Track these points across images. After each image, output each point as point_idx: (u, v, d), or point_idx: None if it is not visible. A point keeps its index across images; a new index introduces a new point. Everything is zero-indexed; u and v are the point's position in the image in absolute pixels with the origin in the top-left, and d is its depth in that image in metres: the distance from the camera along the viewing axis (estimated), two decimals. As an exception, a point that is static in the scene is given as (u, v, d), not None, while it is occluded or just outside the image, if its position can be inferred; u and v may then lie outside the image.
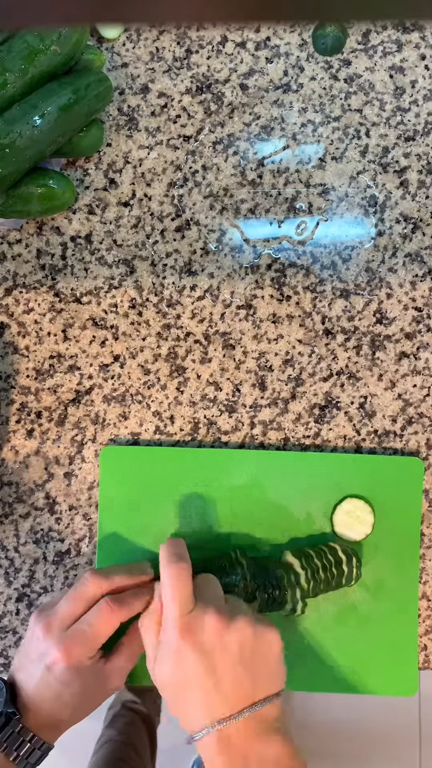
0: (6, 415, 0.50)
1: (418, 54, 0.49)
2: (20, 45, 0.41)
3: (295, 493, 0.49)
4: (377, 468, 0.49)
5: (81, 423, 0.50)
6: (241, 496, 0.49)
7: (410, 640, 0.48)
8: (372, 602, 0.48)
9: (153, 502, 0.49)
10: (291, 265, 0.50)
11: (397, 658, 0.48)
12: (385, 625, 0.48)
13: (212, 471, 0.49)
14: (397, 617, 0.48)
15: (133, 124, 0.50)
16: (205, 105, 0.50)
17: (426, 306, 0.50)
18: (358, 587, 0.48)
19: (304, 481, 0.49)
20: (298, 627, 0.48)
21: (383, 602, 0.48)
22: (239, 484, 0.49)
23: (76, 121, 0.44)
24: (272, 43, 0.49)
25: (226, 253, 0.50)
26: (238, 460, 0.49)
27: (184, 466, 0.49)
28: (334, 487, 0.49)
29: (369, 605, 0.48)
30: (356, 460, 0.49)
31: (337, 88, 0.49)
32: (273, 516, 0.49)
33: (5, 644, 0.50)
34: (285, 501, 0.49)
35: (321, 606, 0.48)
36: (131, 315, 0.50)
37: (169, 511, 0.49)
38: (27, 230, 0.50)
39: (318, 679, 0.48)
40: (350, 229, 0.50)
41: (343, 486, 0.49)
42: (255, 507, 0.49)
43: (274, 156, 0.50)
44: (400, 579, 0.49)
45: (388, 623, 0.48)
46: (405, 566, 0.49)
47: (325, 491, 0.49)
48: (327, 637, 0.48)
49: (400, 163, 0.50)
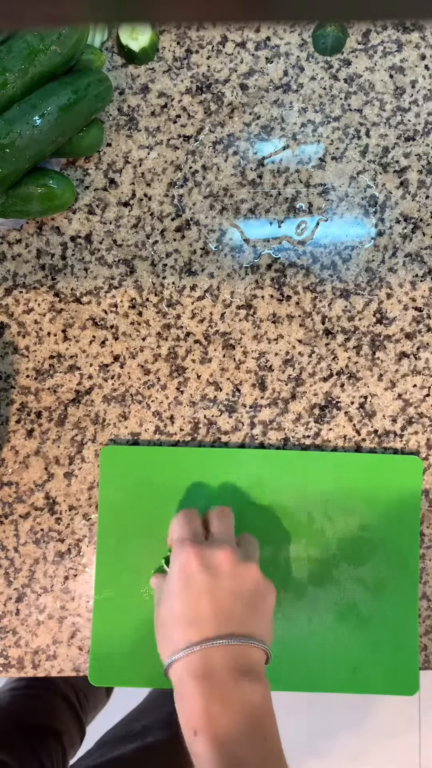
0: (6, 415, 0.50)
1: (418, 54, 0.49)
2: (20, 45, 0.41)
3: (294, 493, 0.49)
4: (377, 467, 0.49)
5: (81, 423, 0.50)
6: (241, 496, 0.49)
7: (411, 639, 0.48)
8: (372, 601, 0.48)
9: (153, 502, 0.49)
10: (291, 265, 0.50)
11: (397, 658, 0.48)
12: (385, 624, 0.48)
13: (213, 471, 0.49)
14: (397, 617, 0.48)
15: (133, 124, 0.50)
16: (205, 105, 0.50)
17: (426, 306, 0.50)
18: (357, 586, 0.48)
19: (304, 481, 0.49)
20: (298, 626, 0.48)
21: (384, 602, 0.48)
22: (239, 483, 0.49)
23: (76, 121, 0.44)
24: (272, 43, 0.49)
25: (226, 253, 0.50)
26: (238, 459, 0.49)
27: (184, 465, 0.49)
28: (334, 486, 0.49)
29: (370, 604, 0.48)
30: (356, 459, 0.49)
31: (337, 88, 0.49)
32: (273, 516, 0.49)
33: (5, 644, 0.50)
34: (285, 501, 0.49)
35: (321, 605, 0.48)
36: (131, 315, 0.50)
37: (170, 511, 0.49)
38: (27, 230, 0.50)
39: (318, 678, 0.48)
40: (350, 229, 0.50)
41: (344, 485, 0.49)
42: (255, 506, 0.49)
43: (274, 156, 0.50)
44: (401, 579, 0.49)
45: (388, 623, 0.48)
46: (405, 566, 0.49)
47: (325, 491, 0.49)
48: (327, 636, 0.48)
49: (400, 163, 0.50)
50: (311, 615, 0.48)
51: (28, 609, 0.50)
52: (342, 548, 0.49)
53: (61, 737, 0.69)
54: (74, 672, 0.50)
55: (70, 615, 0.50)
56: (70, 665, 0.50)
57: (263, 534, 0.48)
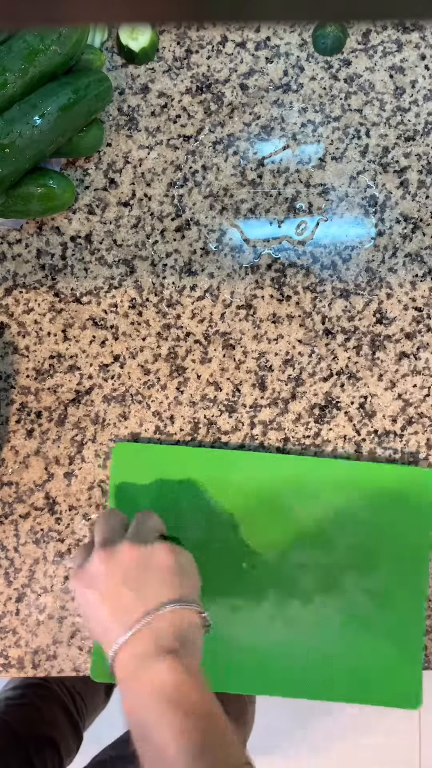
0: (6, 415, 0.50)
1: (418, 54, 0.49)
2: (20, 45, 0.41)
3: (305, 500, 0.48)
4: (381, 476, 0.48)
5: (81, 423, 0.50)
6: (244, 497, 0.49)
7: (415, 652, 0.48)
8: (378, 612, 0.48)
9: (164, 498, 0.48)
10: (291, 265, 0.50)
11: (401, 671, 0.48)
12: (389, 636, 0.48)
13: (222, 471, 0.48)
14: (402, 629, 0.48)
15: (133, 124, 0.50)
16: (205, 105, 0.50)
17: (426, 306, 0.50)
18: (362, 594, 0.48)
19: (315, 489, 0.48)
20: (301, 635, 0.48)
21: (389, 613, 0.48)
22: (243, 486, 0.49)
23: (76, 121, 0.44)
24: (272, 43, 0.49)
25: (226, 253, 0.50)
26: (243, 461, 0.49)
27: (199, 464, 0.48)
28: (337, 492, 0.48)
29: (375, 615, 0.48)
30: (360, 467, 0.49)
31: (337, 88, 0.49)
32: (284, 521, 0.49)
33: (5, 644, 0.50)
34: (294, 506, 0.48)
35: (328, 615, 0.48)
36: (131, 315, 0.50)
37: (180, 508, 0.48)
38: (27, 230, 0.50)
39: (321, 687, 0.48)
40: (350, 229, 0.50)
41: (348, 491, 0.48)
42: (257, 508, 0.49)
43: (274, 156, 0.50)
44: (407, 592, 0.48)
45: (392, 634, 0.48)
46: (411, 577, 0.48)
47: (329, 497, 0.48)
48: (330, 646, 0.48)
49: (400, 163, 0.50)
50: (316, 622, 0.48)
51: (28, 609, 0.50)
52: (349, 557, 0.48)
53: (58, 746, 0.69)
54: (74, 672, 0.50)
55: (70, 615, 0.50)
56: (70, 665, 0.50)
57: (264, 536, 0.48)
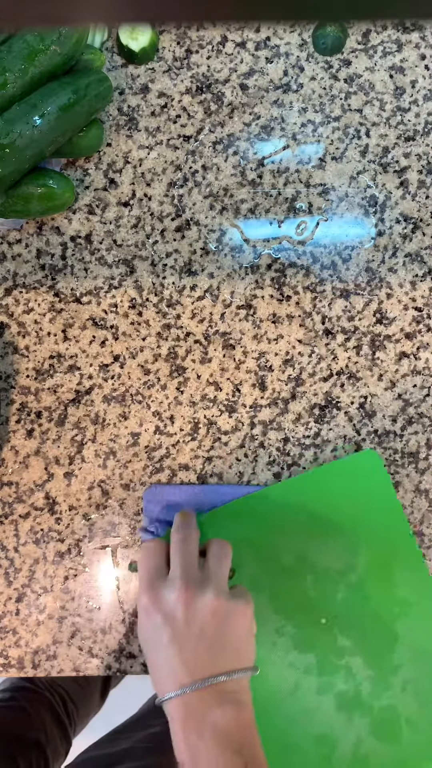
0: (6, 415, 0.50)
1: (418, 54, 0.49)
2: (20, 45, 0.41)
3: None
4: (338, 474, 0.49)
5: (81, 423, 0.50)
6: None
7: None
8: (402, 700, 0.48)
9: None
10: (291, 265, 0.50)
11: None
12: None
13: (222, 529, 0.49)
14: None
15: (133, 124, 0.50)
16: (205, 105, 0.50)
17: (426, 306, 0.50)
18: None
19: (276, 513, 0.49)
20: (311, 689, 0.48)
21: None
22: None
23: (76, 121, 0.44)
24: (272, 43, 0.49)
25: (226, 253, 0.50)
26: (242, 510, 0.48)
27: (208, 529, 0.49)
28: (303, 511, 0.49)
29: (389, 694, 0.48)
30: (317, 474, 0.49)
31: (337, 88, 0.49)
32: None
33: (5, 644, 0.50)
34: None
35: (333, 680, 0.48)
36: (131, 315, 0.50)
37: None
38: (27, 230, 0.50)
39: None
40: (350, 229, 0.50)
41: (314, 504, 0.48)
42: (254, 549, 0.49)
43: (274, 156, 0.50)
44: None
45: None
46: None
47: (299, 517, 0.49)
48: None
49: (400, 163, 0.50)
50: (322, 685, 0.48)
51: (28, 609, 0.50)
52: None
53: (44, 748, 0.69)
54: (74, 672, 0.50)
55: (70, 615, 0.50)
56: (70, 665, 0.50)
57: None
